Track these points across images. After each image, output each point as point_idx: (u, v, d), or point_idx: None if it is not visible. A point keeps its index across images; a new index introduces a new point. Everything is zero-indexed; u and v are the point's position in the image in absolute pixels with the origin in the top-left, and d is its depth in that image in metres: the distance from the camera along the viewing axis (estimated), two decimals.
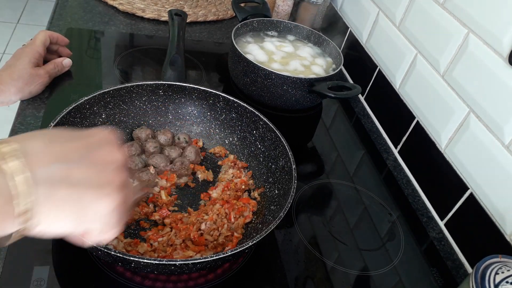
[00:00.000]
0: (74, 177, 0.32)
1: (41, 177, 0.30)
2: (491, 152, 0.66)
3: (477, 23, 0.69)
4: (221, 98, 0.74)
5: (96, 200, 0.33)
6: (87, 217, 0.33)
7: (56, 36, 0.83)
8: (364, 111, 1.01)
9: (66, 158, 0.32)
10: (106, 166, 0.35)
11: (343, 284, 0.62)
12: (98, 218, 0.34)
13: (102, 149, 0.36)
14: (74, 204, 0.32)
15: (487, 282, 0.47)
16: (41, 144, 0.32)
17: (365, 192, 0.79)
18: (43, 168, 0.31)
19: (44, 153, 0.31)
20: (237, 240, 0.60)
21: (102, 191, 0.34)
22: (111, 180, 0.35)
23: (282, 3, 1.20)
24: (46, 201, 0.30)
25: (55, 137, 0.34)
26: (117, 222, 0.36)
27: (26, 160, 0.30)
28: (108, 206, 0.34)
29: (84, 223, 0.33)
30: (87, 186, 0.33)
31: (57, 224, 0.32)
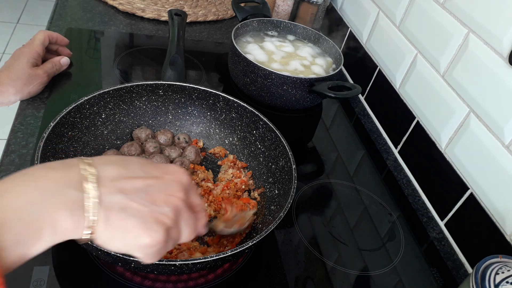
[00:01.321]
0: (130, 210, 0.37)
1: (105, 202, 0.36)
2: (491, 152, 0.66)
3: (477, 23, 0.69)
4: (221, 98, 0.74)
5: (139, 236, 0.38)
6: (130, 246, 0.38)
7: (55, 36, 0.83)
8: (364, 111, 1.01)
9: (130, 192, 0.38)
10: (160, 207, 0.39)
11: (343, 284, 0.62)
12: (139, 249, 0.38)
13: (164, 190, 0.40)
14: (123, 233, 0.37)
15: (487, 282, 0.47)
16: (114, 173, 0.38)
17: (365, 192, 0.79)
18: (108, 196, 0.37)
19: (113, 182, 0.37)
20: (240, 238, 0.60)
21: (148, 229, 0.38)
22: (159, 221, 0.38)
23: (282, 3, 1.20)
24: (104, 223, 0.36)
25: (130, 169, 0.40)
26: (156, 256, 0.40)
27: (98, 186, 0.36)
28: (148, 241, 0.38)
29: (130, 250, 0.39)
30: (136, 221, 0.37)
31: (110, 242, 0.38)
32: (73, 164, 0.37)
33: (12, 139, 0.69)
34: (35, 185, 0.34)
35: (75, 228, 0.35)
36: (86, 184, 0.36)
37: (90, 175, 0.36)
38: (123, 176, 0.38)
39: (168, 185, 0.41)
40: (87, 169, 0.37)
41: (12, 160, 0.65)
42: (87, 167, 0.37)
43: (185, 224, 0.42)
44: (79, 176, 0.36)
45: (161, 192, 0.40)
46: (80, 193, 0.35)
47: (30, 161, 0.66)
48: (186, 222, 0.42)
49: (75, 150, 0.63)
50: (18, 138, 0.70)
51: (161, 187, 0.40)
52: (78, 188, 0.35)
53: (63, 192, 0.34)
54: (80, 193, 0.35)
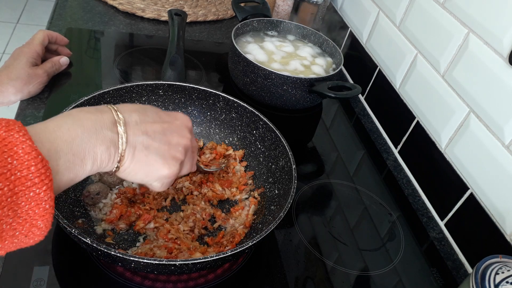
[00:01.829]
0: (151, 148, 0.46)
1: (131, 142, 0.44)
2: (491, 152, 0.66)
3: (477, 23, 0.69)
4: (221, 98, 0.74)
5: (159, 168, 0.47)
6: (151, 177, 0.47)
7: (55, 36, 0.83)
8: (364, 111, 1.01)
9: (151, 134, 0.46)
10: (175, 146, 0.49)
11: (343, 284, 0.62)
12: (158, 179, 0.48)
13: (177, 132, 0.49)
14: (145, 166, 0.46)
15: (487, 282, 0.47)
16: (137, 118, 0.46)
17: (365, 192, 0.79)
18: (134, 136, 0.45)
19: (138, 125, 0.45)
20: (240, 238, 0.61)
21: (167, 162, 0.47)
22: (176, 157, 0.48)
23: (282, 3, 1.20)
24: (130, 158, 0.45)
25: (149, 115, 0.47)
26: (168, 184, 0.50)
27: (125, 128, 0.44)
28: (166, 173, 0.48)
29: (149, 180, 0.48)
30: (157, 157, 0.46)
31: (133, 175, 0.46)
32: (105, 110, 0.44)
33: None
34: (79, 124, 0.41)
35: (109, 160, 0.43)
36: (118, 126, 0.43)
37: (120, 120, 0.44)
38: (144, 121, 0.46)
39: (179, 128, 0.50)
40: (117, 114, 0.44)
41: None
42: (117, 113, 0.44)
43: (189, 160, 0.52)
44: (111, 119, 0.43)
45: (175, 134, 0.49)
46: (112, 133, 0.43)
47: None
48: (190, 159, 0.52)
49: None
50: None
51: (174, 130, 0.49)
52: (111, 129, 0.43)
53: (100, 131, 0.42)
54: (112, 133, 0.43)
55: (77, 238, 0.47)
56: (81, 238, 0.46)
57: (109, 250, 0.46)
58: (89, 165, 0.41)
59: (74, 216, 0.57)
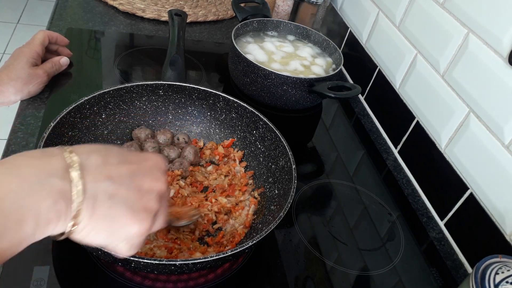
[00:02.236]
0: (116, 198, 0.36)
1: (90, 192, 0.34)
2: (491, 152, 0.66)
3: (477, 23, 0.69)
4: (221, 98, 0.74)
5: (128, 224, 0.36)
6: (117, 237, 0.37)
7: (55, 36, 0.83)
8: (364, 111, 1.01)
9: (116, 179, 0.36)
10: (148, 193, 0.38)
11: (343, 284, 0.62)
12: (125, 239, 0.37)
13: (149, 176, 0.39)
14: (109, 223, 0.35)
15: (487, 282, 0.47)
16: (98, 160, 0.36)
17: (365, 192, 0.79)
18: (94, 183, 0.34)
19: (99, 169, 0.35)
20: (240, 238, 0.61)
21: (135, 217, 0.37)
22: (148, 208, 0.38)
23: (282, 3, 1.20)
24: (89, 213, 0.34)
25: (112, 156, 0.38)
26: (138, 246, 0.39)
27: (82, 173, 0.34)
28: (137, 230, 0.37)
29: (114, 242, 0.37)
30: (125, 209, 0.36)
31: (93, 236, 0.36)
32: (55, 152, 0.34)
33: (12, 139, 0.69)
34: (16, 173, 0.31)
35: (58, 219, 0.33)
36: (72, 171, 0.33)
37: (74, 163, 0.34)
38: (107, 163, 0.36)
39: (151, 170, 0.40)
40: (70, 156, 0.34)
41: None
42: (70, 154, 0.35)
43: (163, 210, 0.41)
44: (62, 164, 0.33)
45: (146, 177, 0.39)
46: (63, 181, 0.33)
47: None
48: (163, 208, 0.41)
49: None
50: (18, 138, 0.70)
51: (145, 173, 0.39)
52: (62, 177, 0.33)
53: (45, 180, 0.32)
54: (63, 181, 0.33)
55: None
56: None
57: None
58: (30, 228, 0.31)
59: None
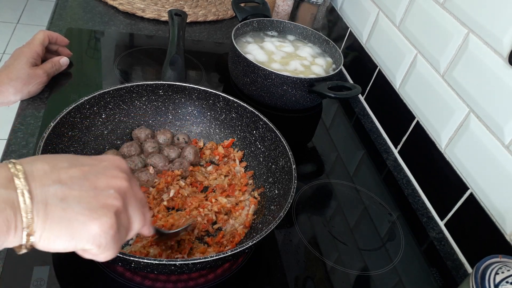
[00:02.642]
0: (69, 199, 0.34)
1: (39, 197, 0.33)
2: (491, 152, 0.66)
3: (477, 23, 0.69)
4: (221, 98, 0.74)
5: (86, 223, 0.34)
6: (79, 238, 0.35)
7: (55, 36, 0.83)
8: (364, 111, 1.01)
9: (66, 181, 0.35)
10: (104, 190, 0.36)
11: (343, 284, 0.62)
12: (89, 239, 0.35)
13: (105, 174, 0.37)
14: (65, 224, 0.34)
15: (487, 282, 0.47)
16: (45, 166, 0.35)
17: (365, 192, 0.79)
18: (42, 188, 0.33)
19: (47, 175, 0.34)
20: (240, 238, 0.61)
21: (93, 214, 0.35)
22: (105, 205, 0.36)
23: (282, 3, 1.20)
24: (42, 219, 0.33)
25: (62, 161, 0.36)
26: (111, 245, 0.36)
27: (27, 181, 0.33)
28: (97, 228, 0.35)
29: (78, 243, 0.35)
30: (80, 208, 0.34)
31: (54, 242, 0.34)
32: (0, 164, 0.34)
33: (12, 139, 0.69)
34: None
35: (8, 230, 0.32)
36: (16, 180, 0.32)
37: (19, 171, 0.33)
38: (55, 168, 0.35)
39: (108, 169, 0.38)
40: (14, 166, 0.33)
41: None
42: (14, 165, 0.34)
43: (134, 209, 0.39)
44: (6, 174, 0.33)
45: (101, 176, 0.37)
46: (8, 190, 0.32)
47: None
48: (135, 207, 0.39)
49: (75, 150, 0.63)
50: (18, 138, 0.70)
51: (99, 172, 0.37)
52: (6, 186, 0.32)
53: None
54: (8, 190, 0.32)
55: None
56: None
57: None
58: None
59: None
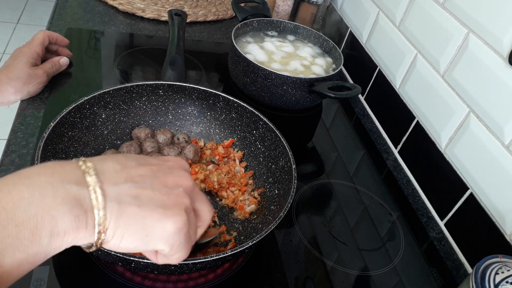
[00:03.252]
0: (142, 197, 0.34)
1: (112, 195, 0.33)
2: (491, 152, 0.66)
3: (477, 23, 0.69)
4: (221, 98, 0.74)
5: (161, 220, 0.34)
6: (153, 236, 0.34)
7: (55, 36, 0.83)
8: (364, 111, 1.01)
9: (137, 180, 0.35)
10: (174, 189, 0.37)
11: (343, 284, 0.62)
12: (163, 238, 0.35)
13: (172, 173, 0.38)
14: (140, 222, 0.34)
15: (487, 282, 0.47)
16: (115, 165, 0.35)
17: (365, 192, 0.79)
18: (114, 186, 0.33)
19: (118, 173, 0.34)
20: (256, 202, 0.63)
21: (167, 212, 0.35)
22: (177, 203, 0.36)
23: (282, 3, 1.20)
24: (116, 217, 0.33)
25: (130, 160, 0.37)
26: (184, 245, 0.36)
27: (99, 178, 0.33)
28: (172, 226, 0.35)
29: (151, 242, 0.35)
30: (153, 206, 0.34)
31: (126, 240, 0.34)
32: (68, 162, 0.33)
33: (12, 139, 0.69)
34: (27, 182, 0.30)
35: (77, 228, 0.31)
36: (87, 177, 0.32)
37: (89, 168, 0.33)
38: (125, 166, 0.36)
39: (174, 169, 0.39)
40: (85, 164, 0.33)
41: (12, 160, 0.65)
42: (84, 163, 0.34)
43: (202, 203, 0.39)
44: (77, 171, 0.32)
45: (170, 175, 0.38)
46: (79, 187, 0.31)
47: (30, 161, 0.66)
48: (202, 201, 0.39)
49: (75, 150, 0.63)
50: (18, 138, 0.70)
51: (167, 171, 0.38)
52: (77, 183, 0.31)
53: (60, 186, 0.30)
54: (79, 187, 0.31)
55: None
56: None
57: (109, 250, 0.46)
58: (46, 237, 0.30)
59: None
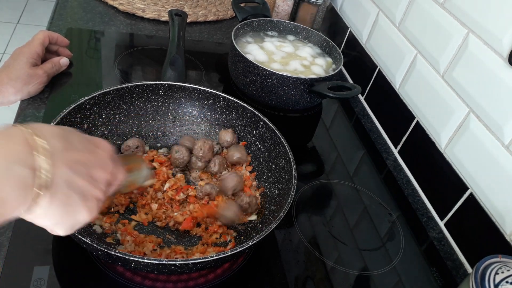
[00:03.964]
0: (75, 186, 0.37)
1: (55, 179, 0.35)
2: (491, 152, 0.66)
3: (477, 23, 0.69)
4: (221, 98, 0.74)
5: (81, 210, 0.38)
6: (68, 222, 0.38)
7: (55, 36, 0.83)
8: (364, 111, 1.01)
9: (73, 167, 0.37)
10: (98, 183, 0.40)
11: (343, 284, 0.62)
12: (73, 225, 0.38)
13: (100, 166, 0.41)
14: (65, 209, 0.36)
15: (487, 282, 0.47)
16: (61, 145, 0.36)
17: (365, 192, 0.79)
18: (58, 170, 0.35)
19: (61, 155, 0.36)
20: None
21: (88, 204, 0.38)
22: (97, 197, 0.39)
23: (282, 3, 1.20)
24: (49, 198, 0.35)
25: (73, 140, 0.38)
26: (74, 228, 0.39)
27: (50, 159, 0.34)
28: (85, 217, 0.38)
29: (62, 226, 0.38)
30: (80, 197, 0.37)
31: (44, 218, 0.36)
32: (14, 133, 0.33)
33: None
34: None
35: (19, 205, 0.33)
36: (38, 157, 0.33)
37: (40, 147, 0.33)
38: (68, 149, 0.37)
39: (103, 160, 0.41)
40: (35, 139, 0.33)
41: None
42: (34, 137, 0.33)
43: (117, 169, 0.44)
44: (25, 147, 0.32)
45: (98, 167, 0.40)
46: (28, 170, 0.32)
47: None
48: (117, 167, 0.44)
49: None
50: None
51: (98, 162, 0.40)
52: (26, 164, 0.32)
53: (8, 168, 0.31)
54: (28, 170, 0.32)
55: (77, 238, 0.47)
56: (81, 238, 0.46)
57: (109, 250, 0.46)
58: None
59: None
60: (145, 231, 0.60)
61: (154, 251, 0.57)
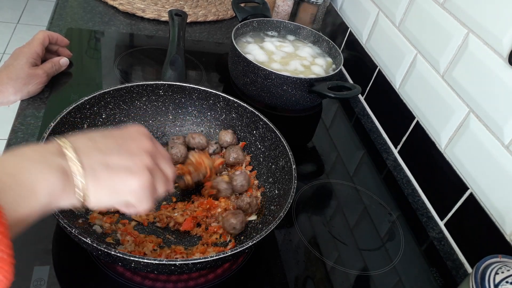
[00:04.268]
0: (112, 164, 0.42)
1: (88, 163, 0.41)
2: (491, 152, 0.66)
3: (477, 23, 0.69)
4: (221, 98, 0.74)
5: (127, 179, 0.43)
6: (122, 193, 0.43)
7: (55, 36, 0.83)
8: (364, 111, 1.01)
9: (105, 150, 0.43)
10: (137, 152, 0.44)
11: (343, 284, 0.62)
12: (130, 192, 0.43)
13: (134, 140, 0.46)
14: (111, 183, 0.42)
15: (487, 282, 0.47)
16: (86, 141, 0.43)
17: (365, 192, 0.79)
18: (89, 158, 0.41)
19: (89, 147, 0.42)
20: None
21: (134, 173, 0.43)
22: (141, 163, 0.44)
23: (282, 3, 1.20)
24: (92, 182, 0.40)
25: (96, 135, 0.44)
26: (148, 198, 0.45)
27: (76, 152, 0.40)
28: (136, 183, 0.43)
29: (121, 197, 0.43)
30: (120, 169, 0.42)
31: (102, 199, 0.42)
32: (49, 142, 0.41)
33: (12, 139, 0.69)
34: (24, 157, 0.38)
35: (64, 188, 0.39)
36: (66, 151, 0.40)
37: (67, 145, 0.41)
38: (93, 141, 0.43)
39: (133, 136, 0.47)
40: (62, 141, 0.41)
41: None
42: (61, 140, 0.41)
43: (164, 163, 0.48)
44: (58, 147, 0.40)
45: (131, 142, 0.45)
46: (63, 159, 0.39)
47: None
48: (164, 162, 0.48)
49: None
50: (18, 138, 0.70)
51: (128, 138, 0.46)
52: (61, 156, 0.39)
53: (49, 159, 0.39)
54: (63, 159, 0.39)
55: (77, 238, 0.47)
56: (81, 238, 0.46)
57: (109, 250, 0.46)
58: (44, 196, 0.37)
59: (74, 216, 0.57)
60: (145, 231, 0.60)
61: (154, 251, 0.57)
